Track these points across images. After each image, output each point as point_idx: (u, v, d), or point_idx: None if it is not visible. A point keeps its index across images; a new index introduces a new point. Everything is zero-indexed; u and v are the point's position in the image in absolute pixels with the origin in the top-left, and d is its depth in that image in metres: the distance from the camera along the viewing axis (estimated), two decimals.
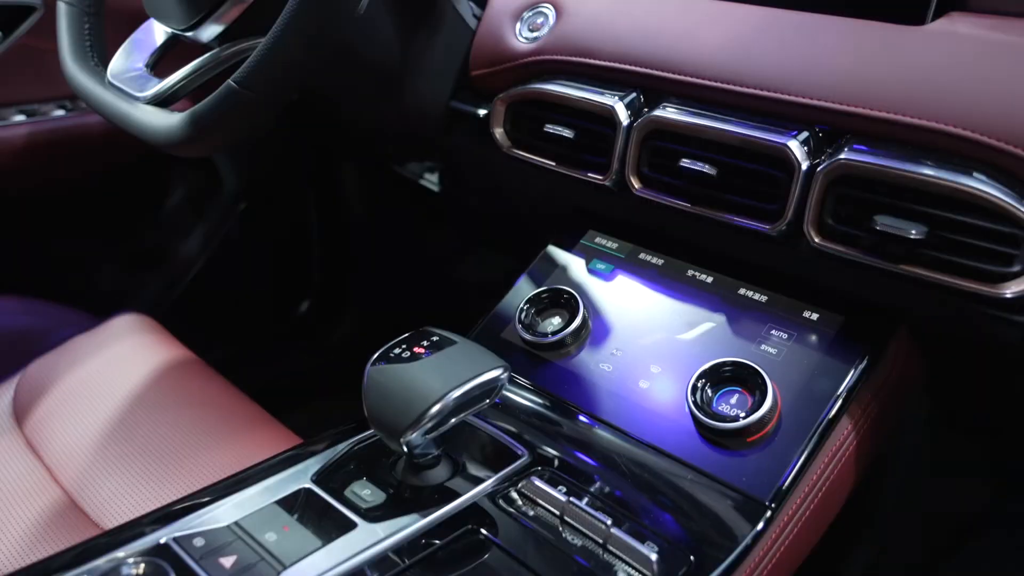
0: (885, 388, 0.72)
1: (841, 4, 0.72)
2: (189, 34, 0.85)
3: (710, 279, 0.81)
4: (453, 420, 0.64)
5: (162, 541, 0.62)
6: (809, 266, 0.74)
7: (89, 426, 0.93)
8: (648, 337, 0.79)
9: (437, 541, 0.63)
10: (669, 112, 0.76)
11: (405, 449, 0.65)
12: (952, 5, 0.68)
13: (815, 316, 0.74)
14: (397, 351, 0.67)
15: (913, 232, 0.63)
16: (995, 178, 0.61)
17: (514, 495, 0.68)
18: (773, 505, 0.65)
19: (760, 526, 0.64)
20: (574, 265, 0.88)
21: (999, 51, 0.63)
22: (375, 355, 0.68)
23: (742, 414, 0.68)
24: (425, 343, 0.67)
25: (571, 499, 0.65)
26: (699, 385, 0.71)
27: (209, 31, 0.83)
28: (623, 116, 0.79)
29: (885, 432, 0.74)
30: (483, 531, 0.65)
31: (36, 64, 1.29)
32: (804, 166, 0.68)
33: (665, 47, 0.78)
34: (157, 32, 0.94)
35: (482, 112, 0.93)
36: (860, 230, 0.67)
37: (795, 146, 0.68)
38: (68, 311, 1.27)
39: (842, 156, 0.66)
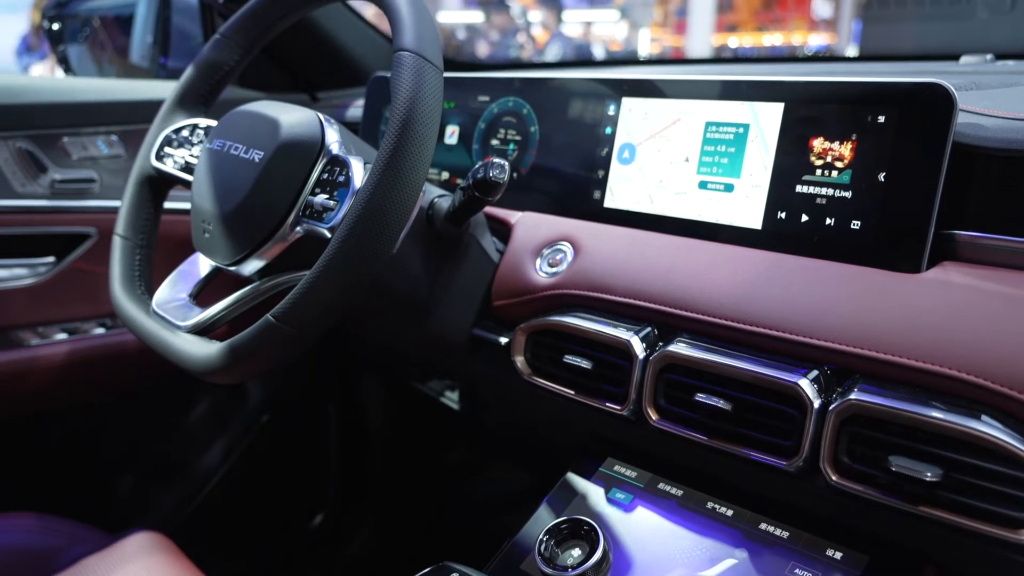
0: None
1: (839, 253, 0.77)
2: (232, 268, 0.91)
3: (730, 512, 0.81)
4: None
5: None
6: (829, 502, 0.74)
7: None
8: (670, 573, 0.77)
9: None
10: (682, 348, 0.80)
11: None
12: (944, 256, 0.73)
13: (839, 555, 0.73)
14: None
15: (928, 475, 0.64)
16: (1004, 422, 0.62)
17: None
18: None
19: None
20: (593, 494, 0.88)
21: (993, 300, 0.66)
22: None
23: None
24: None
25: None
26: None
27: (251, 266, 0.89)
28: (639, 350, 0.82)
29: None
30: None
31: (83, 285, 1.36)
32: (816, 404, 0.70)
33: (677, 286, 0.83)
34: (202, 264, 1.00)
35: (503, 340, 0.97)
36: (876, 469, 0.68)
37: (806, 384, 0.71)
38: (82, 528, 1.25)
39: (852, 396, 0.68)
